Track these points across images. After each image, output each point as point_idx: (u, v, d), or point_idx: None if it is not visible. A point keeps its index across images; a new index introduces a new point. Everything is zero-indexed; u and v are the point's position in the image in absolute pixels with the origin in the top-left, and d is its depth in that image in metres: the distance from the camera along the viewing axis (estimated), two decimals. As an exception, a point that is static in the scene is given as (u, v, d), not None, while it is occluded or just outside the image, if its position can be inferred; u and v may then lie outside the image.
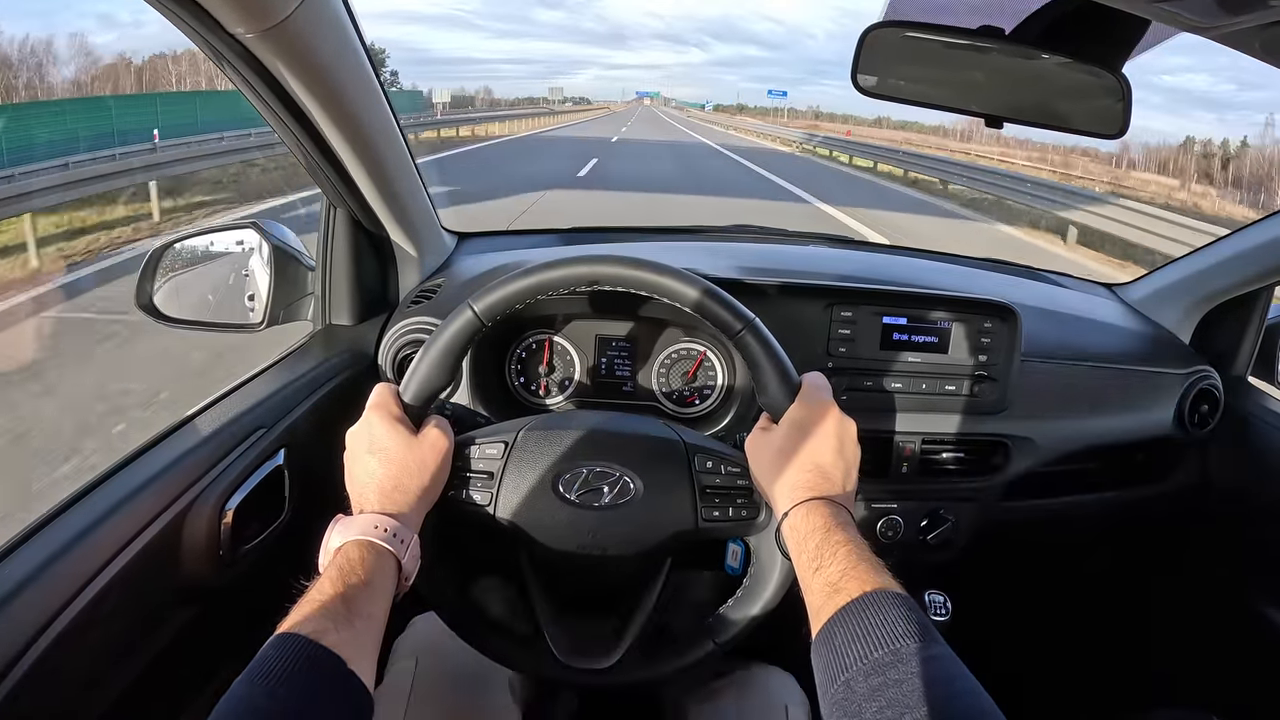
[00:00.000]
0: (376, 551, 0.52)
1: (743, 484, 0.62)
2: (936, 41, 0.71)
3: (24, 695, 0.50)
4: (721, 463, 0.62)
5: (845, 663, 0.44)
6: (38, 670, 0.51)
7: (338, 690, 0.44)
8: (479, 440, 0.63)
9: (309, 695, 0.42)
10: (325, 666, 0.44)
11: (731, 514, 0.62)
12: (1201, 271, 1.05)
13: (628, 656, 0.62)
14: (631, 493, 0.61)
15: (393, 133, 0.82)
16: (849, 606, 0.46)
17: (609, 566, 0.63)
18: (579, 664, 0.62)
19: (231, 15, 0.56)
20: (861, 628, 0.45)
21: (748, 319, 0.61)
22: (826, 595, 0.48)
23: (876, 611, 0.45)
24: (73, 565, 0.56)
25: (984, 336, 0.88)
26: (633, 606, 0.65)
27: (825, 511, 0.54)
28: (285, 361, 0.87)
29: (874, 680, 0.42)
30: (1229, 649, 1.05)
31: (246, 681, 0.42)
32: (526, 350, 0.96)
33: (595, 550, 0.61)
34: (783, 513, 0.56)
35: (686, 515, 0.61)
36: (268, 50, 0.61)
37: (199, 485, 0.67)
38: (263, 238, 0.91)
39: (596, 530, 0.61)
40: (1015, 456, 0.92)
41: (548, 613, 0.64)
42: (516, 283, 0.61)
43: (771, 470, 0.58)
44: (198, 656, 0.73)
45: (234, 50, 0.60)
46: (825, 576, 0.49)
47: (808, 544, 0.52)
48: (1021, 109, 0.74)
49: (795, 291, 0.88)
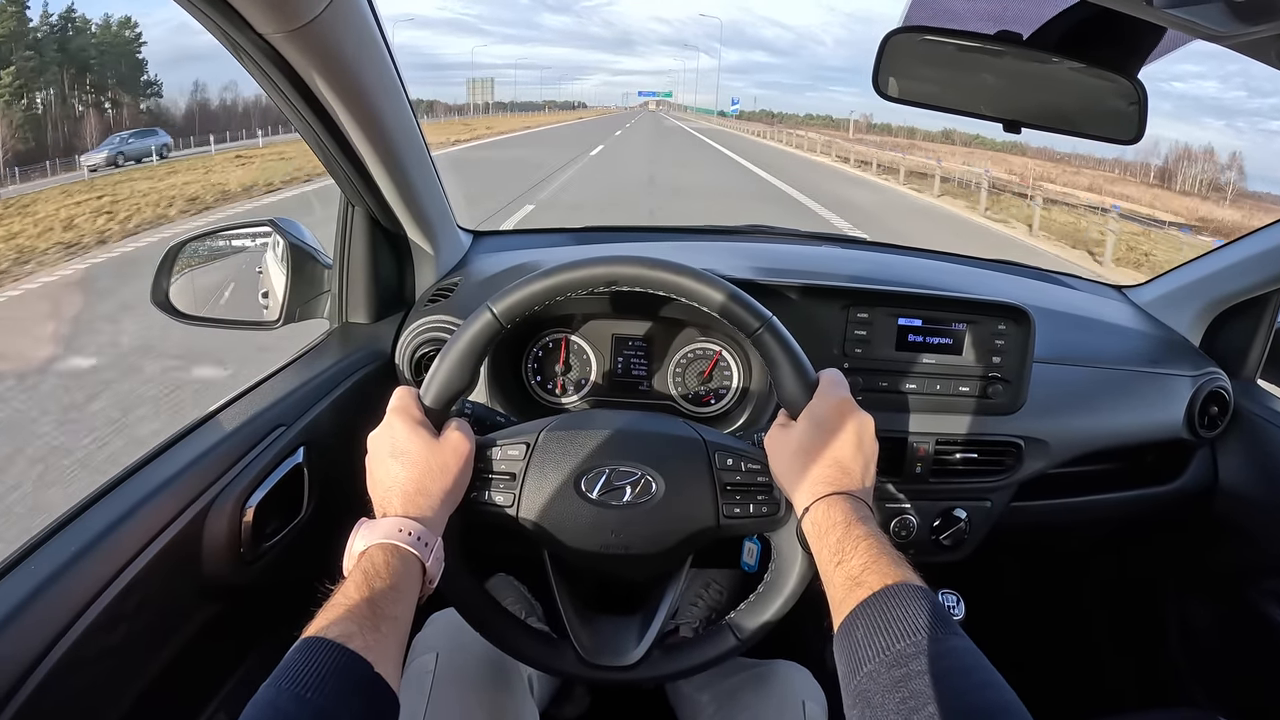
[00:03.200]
0: (401, 555, 0.52)
1: (763, 480, 0.62)
2: (955, 46, 0.72)
3: (50, 691, 0.50)
4: (742, 460, 0.63)
5: (867, 654, 0.44)
6: (63, 666, 0.52)
7: (365, 694, 0.44)
8: (500, 442, 0.63)
9: (337, 699, 0.42)
10: (353, 671, 0.44)
11: (752, 510, 0.62)
12: (1212, 274, 1.05)
13: (650, 655, 0.62)
14: (653, 491, 0.62)
15: (413, 132, 0.82)
16: (870, 599, 0.47)
17: (631, 565, 0.64)
18: (602, 662, 0.62)
19: (261, 15, 0.56)
20: (883, 620, 0.45)
21: (765, 317, 0.62)
22: (848, 589, 0.49)
23: (898, 604, 0.46)
24: (96, 563, 0.56)
25: (998, 338, 0.89)
26: (655, 605, 0.65)
27: (846, 506, 0.54)
28: (303, 359, 0.88)
29: (896, 672, 0.42)
30: (1239, 649, 1.06)
31: (274, 686, 0.42)
32: (543, 349, 0.96)
33: (618, 549, 0.62)
34: (803, 508, 0.56)
35: (708, 513, 0.62)
36: (294, 50, 0.61)
37: (220, 483, 0.68)
38: (280, 235, 0.92)
39: (619, 529, 0.61)
40: (1028, 458, 0.93)
41: (571, 612, 0.64)
42: (536, 284, 0.61)
43: (791, 466, 0.58)
44: (220, 653, 0.73)
45: (261, 49, 0.61)
46: (847, 570, 0.50)
47: (829, 538, 0.53)
48: (1039, 114, 0.74)
49: (811, 292, 0.89)
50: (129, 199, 10.66)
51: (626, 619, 0.66)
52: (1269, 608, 0.99)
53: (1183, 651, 1.13)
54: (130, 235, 8.35)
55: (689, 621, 1.11)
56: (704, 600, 1.15)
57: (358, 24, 0.64)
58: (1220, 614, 1.08)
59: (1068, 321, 1.05)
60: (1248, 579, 1.04)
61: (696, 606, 1.16)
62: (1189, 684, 1.12)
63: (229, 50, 0.63)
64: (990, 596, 1.30)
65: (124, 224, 8.92)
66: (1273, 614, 0.99)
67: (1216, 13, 0.46)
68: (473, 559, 0.64)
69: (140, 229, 8.64)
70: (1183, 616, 1.14)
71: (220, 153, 19.86)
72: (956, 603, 0.84)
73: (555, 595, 0.65)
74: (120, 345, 4.25)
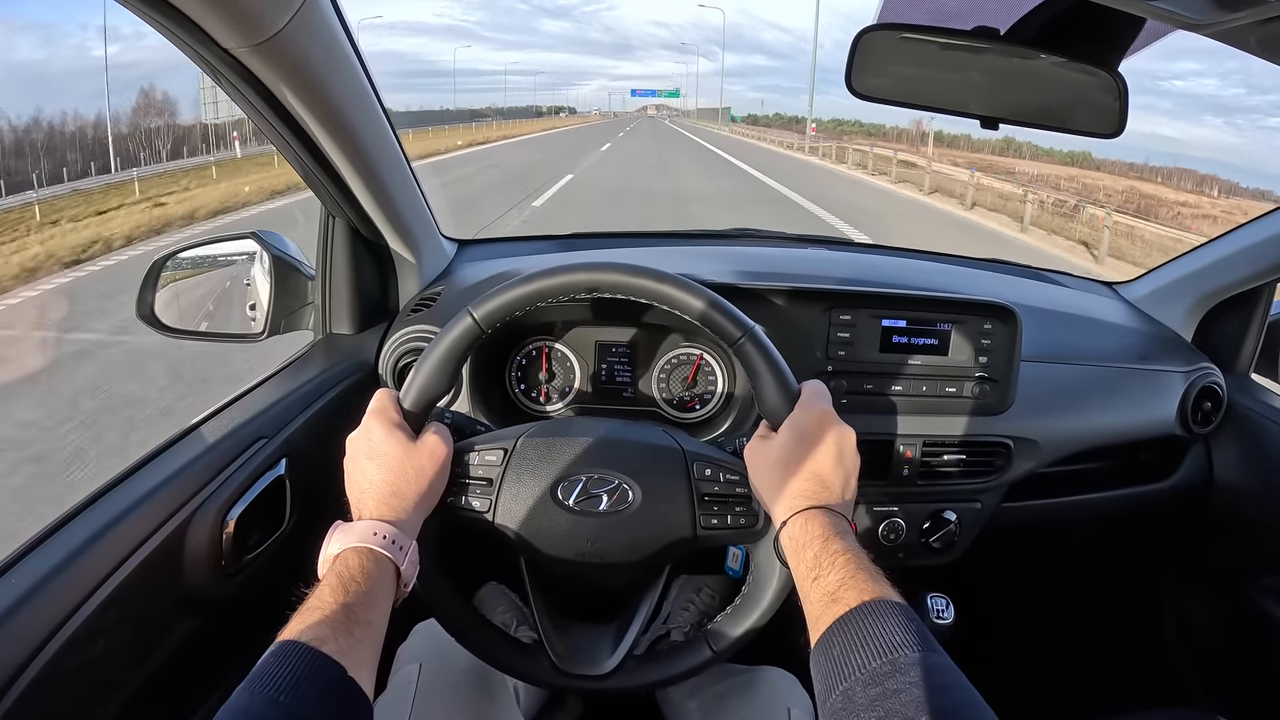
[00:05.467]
0: (375, 558, 0.52)
1: (741, 492, 0.62)
2: (931, 43, 0.71)
3: (30, 704, 0.50)
4: (720, 470, 0.62)
5: (844, 673, 0.43)
6: (44, 679, 0.52)
7: (338, 698, 0.44)
8: (478, 447, 0.63)
9: (310, 703, 0.42)
10: (325, 675, 0.44)
11: (730, 522, 0.62)
12: (1203, 269, 1.04)
13: (625, 663, 0.62)
14: (630, 500, 0.61)
15: (389, 142, 0.82)
16: (847, 616, 0.46)
17: (608, 573, 0.63)
18: (577, 670, 0.62)
19: (224, 30, 0.56)
20: (859, 637, 0.44)
21: (747, 327, 0.61)
22: (824, 605, 0.48)
23: (874, 621, 0.45)
24: (75, 577, 0.56)
25: (984, 338, 0.88)
26: (632, 613, 0.65)
27: (824, 520, 0.53)
28: (286, 371, 0.88)
29: (872, 690, 0.41)
30: (1237, 646, 1.05)
31: (247, 690, 0.42)
32: (527, 358, 0.96)
33: (594, 557, 0.61)
34: (781, 521, 0.56)
35: (685, 523, 0.61)
36: (261, 64, 0.61)
37: (200, 495, 0.68)
38: (262, 248, 0.92)
39: (595, 537, 0.61)
40: (1017, 458, 0.92)
41: (547, 619, 0.64)
42: (516, 290, 0.61)
43: (770, 479, 0.58)
44: (202, 665, 0.73)
45: (228, 65, 0.61)
46: (823, 586, 0.49)
47: (806, 553, 0.52)
48: (1018, 109, 0.73)
49: (794, 295, 0.88)
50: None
51: (603, 628, 0.65)
52: (1267, 604, 0.98)
53: (1180, 649, 1.12)
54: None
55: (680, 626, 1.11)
56: (695, 605, 1.15)
57: (325, 36, 0.64)
58: (1218, 611, 1.07)
59: (1057, 319, 1.04)
60: (1245, 575, 1.02)
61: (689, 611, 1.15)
62: (1187, 682, 1.11)
63: (199, 65, 0.63)
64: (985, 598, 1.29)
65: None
66: (1270, 610, 0.97)
67: (1194, 1, 0.45)
68: (456, 565, 0.64)
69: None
70: (1180, 614, 1.13)
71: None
72: (946, 607, 0.83)
73: (531, 602, 0.65)
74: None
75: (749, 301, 0.87)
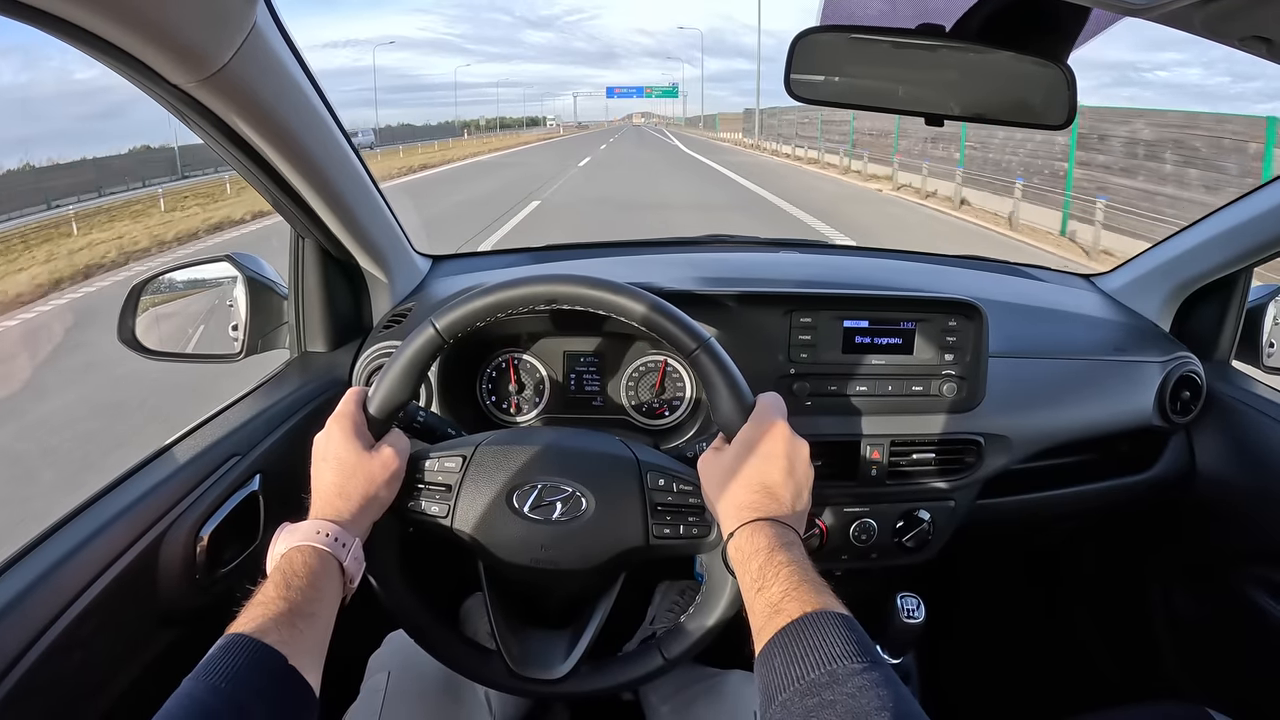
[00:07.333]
0: (319, 555, 0.55)
1: (694, 502, 0.63)
2: (873, 42, 0.71)
3: (8, 715, 0.52)
4: (674, 480, 0.63)
5: (783, 683, 0.44)
6: (21, 690, 0.53)
7: (278, 685, 0.47)
8: (436, 454, 0.64)
9: (251, 690, 0.45)
10: (266, 663, 0.47)
11: (683, 531, 0.62)
12: (1178, 256, 1.03)
13: (578, 669, 0.63)
14: (584, 509, 0.62)
15: (349, 163, 0.84)
16: (788, 628, 0.47)
17: (562, 580, 0.65)
18: (530, 674, 0.63)
19: (170, 67, 0.58)
20: (800, 649, 0.45)
21: (702, 339, 0.62)
22: (767, 616, 0.49)
23: (815, 632, 0.45)
24: (48, 593, 0.58)
25: (950, 335, 0.88)
26: (586, 619, 0.66)
27: (770, 532, 0.54)
28: (261, 389, 0.90)
29: (809, 701, 0.42)
30: (1225, 637, 1.03)
31: (194, 679, 0.45)
32: (496, 370, 0.97)
33: (548, 564, 0.62)
34: (729, 533, 0.56)
35: (637, 532, 0.62)
36: (212, 97, 0.63)
37: (174, 512, 0.70)
38: (236, 270, 0.94)
39: (548, 545, 0.62)
40: (989, 455, 0.91)
41: (504, 623, 0.65)
42: (476, 301, 0.63)
43: (720, 489, 0.58)
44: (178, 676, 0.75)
45: (180, 99, 0.63)
46: (766, 597, 0.50)
47: (751, 564, 0.52)
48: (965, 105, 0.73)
49: (754, 300, 0.89)
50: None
51: (558, 633, 0.66)
52: (1255, 594, 0.96)
53: (1167, 641, 1.11)
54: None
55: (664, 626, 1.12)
56: (678, 607, 1.16)
57: (272, 66, 0.66)
58: (1204, 601, 1.05)
59: (1031, 314, 1.03)
60: (1232, 565, 1.01)
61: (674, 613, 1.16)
62: (1175, 675, 1.09)
63: (156, 100, 0.65)
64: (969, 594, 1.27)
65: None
66: (1257, 599, 0.96)
67: (1135, -15, 0.45)
68: (425, 569, 0.65)
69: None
70: (1166, 605, 1.11)
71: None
72: (917, 606, 0.83)
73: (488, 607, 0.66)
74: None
75: (709, 308, 0.87)
